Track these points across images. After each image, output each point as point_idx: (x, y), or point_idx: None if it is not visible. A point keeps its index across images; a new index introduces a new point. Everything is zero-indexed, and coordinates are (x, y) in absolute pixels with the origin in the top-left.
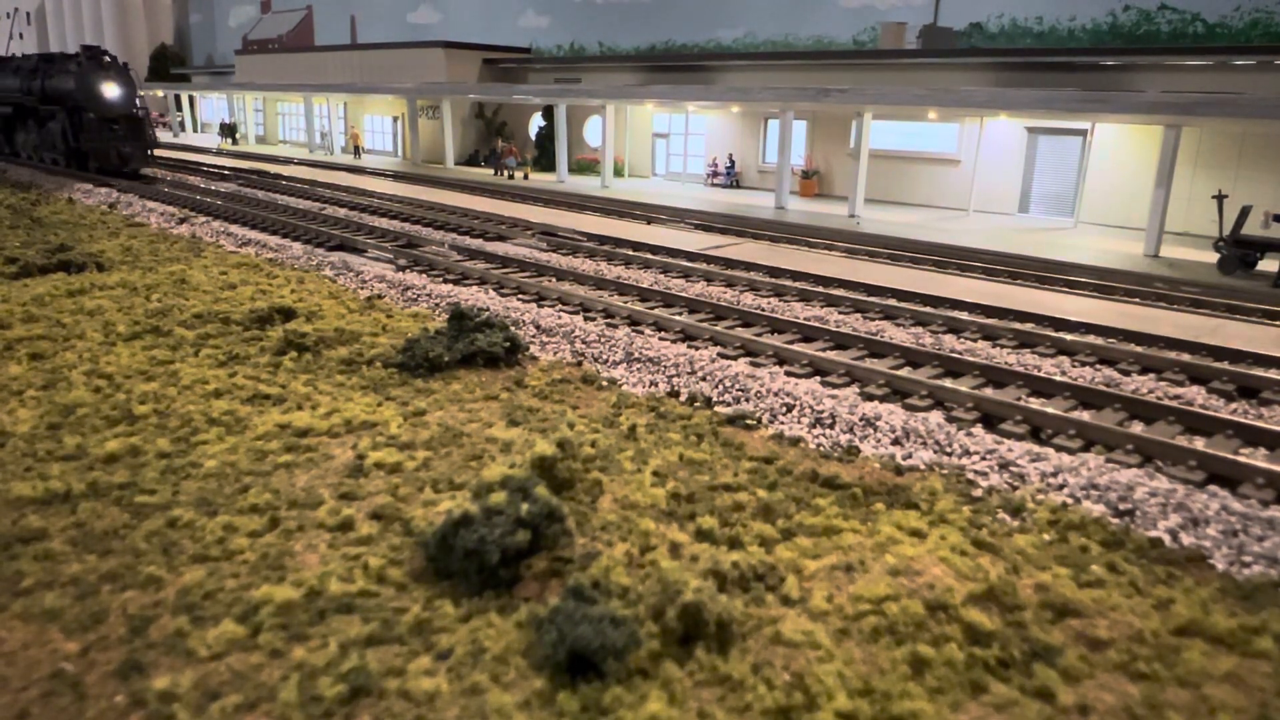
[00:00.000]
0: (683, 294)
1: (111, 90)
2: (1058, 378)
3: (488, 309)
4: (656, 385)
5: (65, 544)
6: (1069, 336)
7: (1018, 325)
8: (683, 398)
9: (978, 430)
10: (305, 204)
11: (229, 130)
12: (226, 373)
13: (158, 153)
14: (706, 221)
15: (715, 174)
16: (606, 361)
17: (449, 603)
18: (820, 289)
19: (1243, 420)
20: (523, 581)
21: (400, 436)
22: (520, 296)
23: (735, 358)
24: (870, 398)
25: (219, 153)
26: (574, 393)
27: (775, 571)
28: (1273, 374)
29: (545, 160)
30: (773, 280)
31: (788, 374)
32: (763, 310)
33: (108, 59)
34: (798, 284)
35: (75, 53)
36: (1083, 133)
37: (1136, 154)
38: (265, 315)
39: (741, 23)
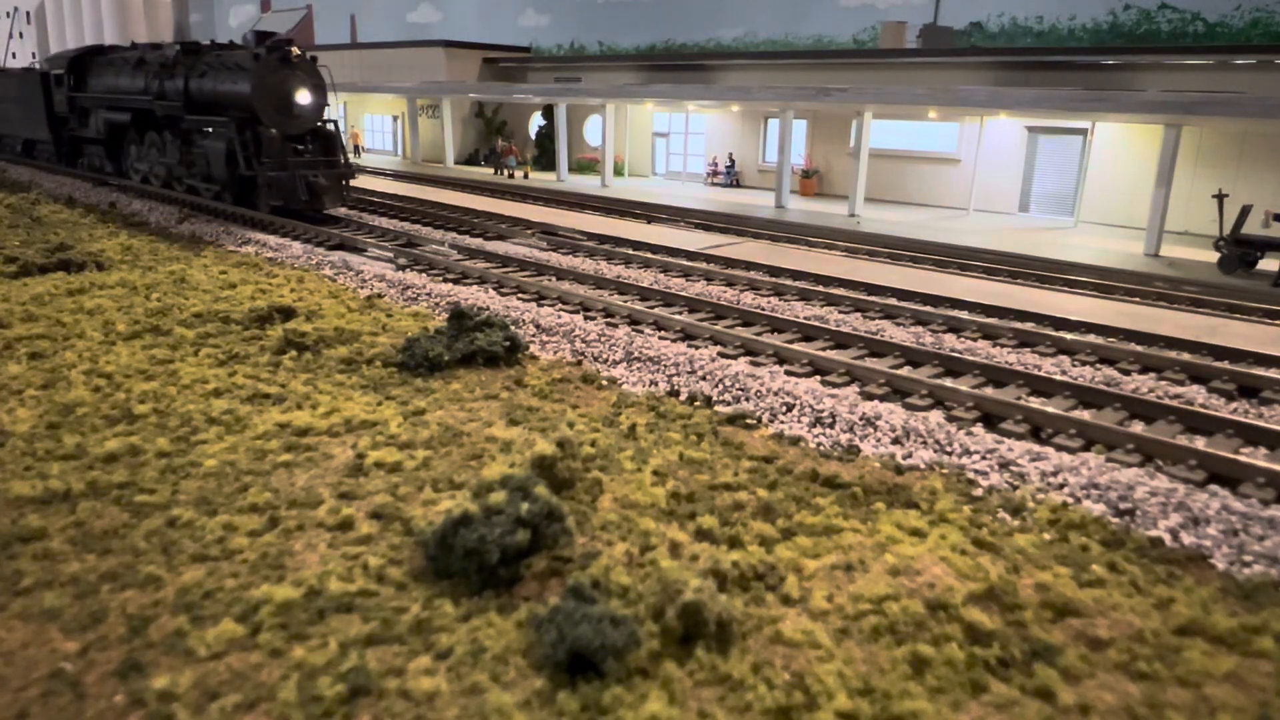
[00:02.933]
0: (683, 293)
1: (304, 96)
2: (1058, 377)
3: (488, 308)
4: (656, 384)
5: (65, 543)
6: (1069, 336)
7: (1018, 324)
8: (683, 397)
9: (978, 430)
10: None
11: None
12: (226, 372)
13: None
14: (706, 221)
15: (715, 173)
16: (606, 361)
17: (449, 602)
18: (820, 288)
19: (1243, 419)
20: (522, 581)
21: (400, 436)
22: (520, 296)
23: (735, 357)
24: (870, 397)
25: None
26: (574, 392)
27: (775, 571)
28: (1273, 373)
29: (545, 159)
30: (773, 279)
31: (788, 373)
32: (763, 309)
33: (295, 52)
34: (798, 283)
35: (240, 43)
36: (1083, 132)
37: (1137, 153)
38: (265, 314)
39: (741, 22)
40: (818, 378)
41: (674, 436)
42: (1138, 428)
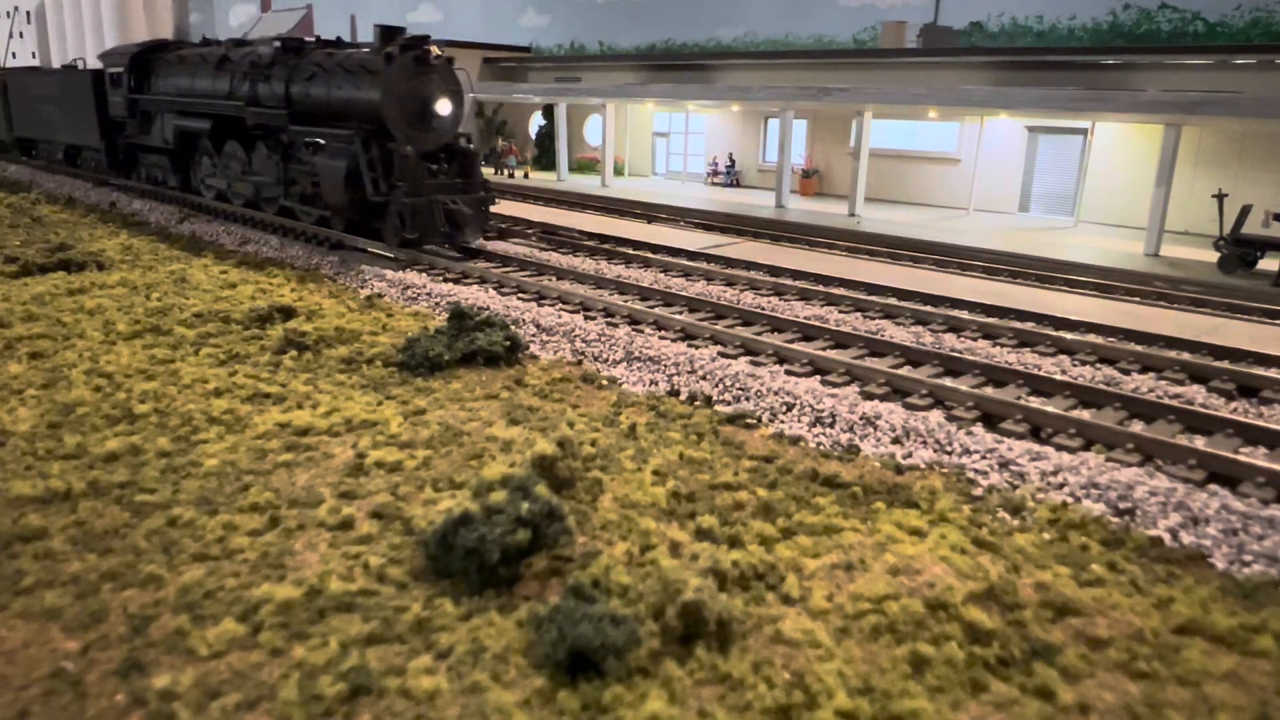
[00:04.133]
0: (683, 293)
1: (444, 106)
2: (1058, 377)
3: (488, 308)
4: (656, 384)
5: (65, 543)
6: (1069, 335)
7: (1018, 324)
8: (683, 397)
9: (978, 429)
10: None
11: None
12: (227, 371)
13: None
14: (707, 220)
15: (715, 173)
16: (606, 360)
17: (449, 601)
18: (820, 288)
19: (1243, 419)
20: (523, 580)
21: (400, 435)
22: (520, 295)
23: (735, 356)
24: (870, 397)
25: None
26: (574, 392)
27: (775, 570)
28: (1273, 373)
29: (545, 159)
30: (773, 279)
31: (788, 373)
32: (763, 309)
33: (436, 53)
34: (798, 283)
35: (360, 41)
36: (1083, 132)
37: (1137, 153)
38: (265, 314)
39: (741, 22)
40: (818, 377)
41: (674, 436)
42: (1137, 427)
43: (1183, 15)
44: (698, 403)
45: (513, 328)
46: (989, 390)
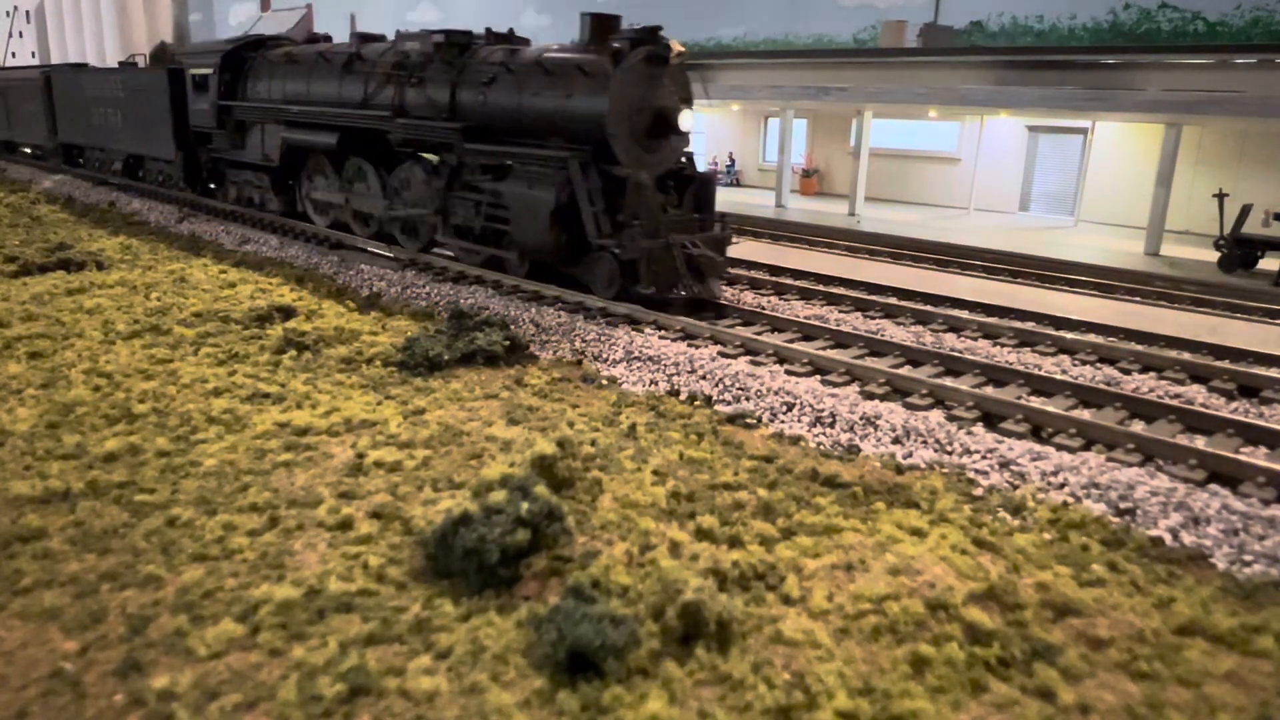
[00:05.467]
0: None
1: (686, 120)
2: (1058, 376)
3: (487, 308)
4: (656, 384)
5: (64, 543)
6: (1069, 335)
7: (1018, 324)
8: (683, 396)
9: (978, 429)
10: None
11: None
12: (226, 371)
13: None
14: None
15: (716, 172)
16: (606, 360)
17: (449, 602)
18: (820, 287)
19: (1243, 419)
20: (522, 580)
21: (400, 435)
22: (520, 295)
23: (735, 356)
24: (870, 396)
25: None
26: (574, 392)
27: (775, 570)
28: (1273, 373)
29: None
30: (773, 279)
31: (788, 373)
32: (763, 309)
33: (678, 49)
34: (798, 282)
35: (550, 43)
36: (1083, 131)
37: (1137, 153)
38: (265, 314)
39: (741, 21)
40: (818, 377)
41: (674, 436)
42: (1138, 427)
43: (1183, 15)
44: (697, 402)
45: (512, 327)
46: (989, 390)
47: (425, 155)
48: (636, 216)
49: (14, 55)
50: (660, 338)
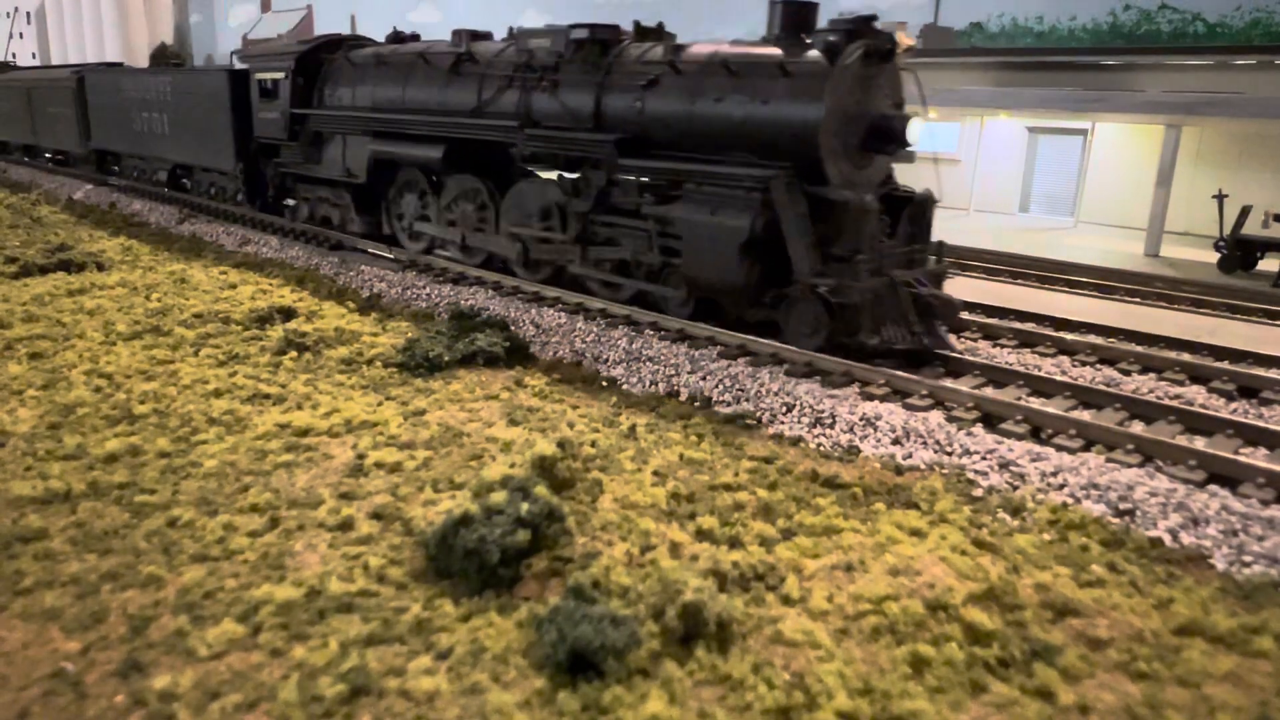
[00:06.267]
0: None
1: (914, 129)
2: (1058, 377)
3: (488, 309)
4: (656, 385)
5: (65, 543)
6: (1069, 336)
7: (1018, 325)
8: (683, 397)
9: (978, 430)
10: None
11: None
12: (226, 372)
13: None
14: None
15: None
16: (606, 361)
17: (449, 602)
18: None
19: (1243, 420)
20: (523, 581)
21: (400, 436)
22: (520, 296)
23: (735, 357)
24: (870, 397)
25: None
26: (574, 392)
27: (775, 571)
28: (1273, 374)
29: None
30: None
31: (787, 373)
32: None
33: (906, 43)
34: None
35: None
36: (1083, 132)
37: (1137, 154)
38: (265, 315)
39: (742, 21)
40: (818, 378)
41: (674, 437)
42: (1138, 428)
43: (1183, 16)
44: (697, 403)
45: (512, 328)
46: (989, 391)
47: (543, 173)
48: (858, 249)
49: (14, 56)
50: (660, 338)
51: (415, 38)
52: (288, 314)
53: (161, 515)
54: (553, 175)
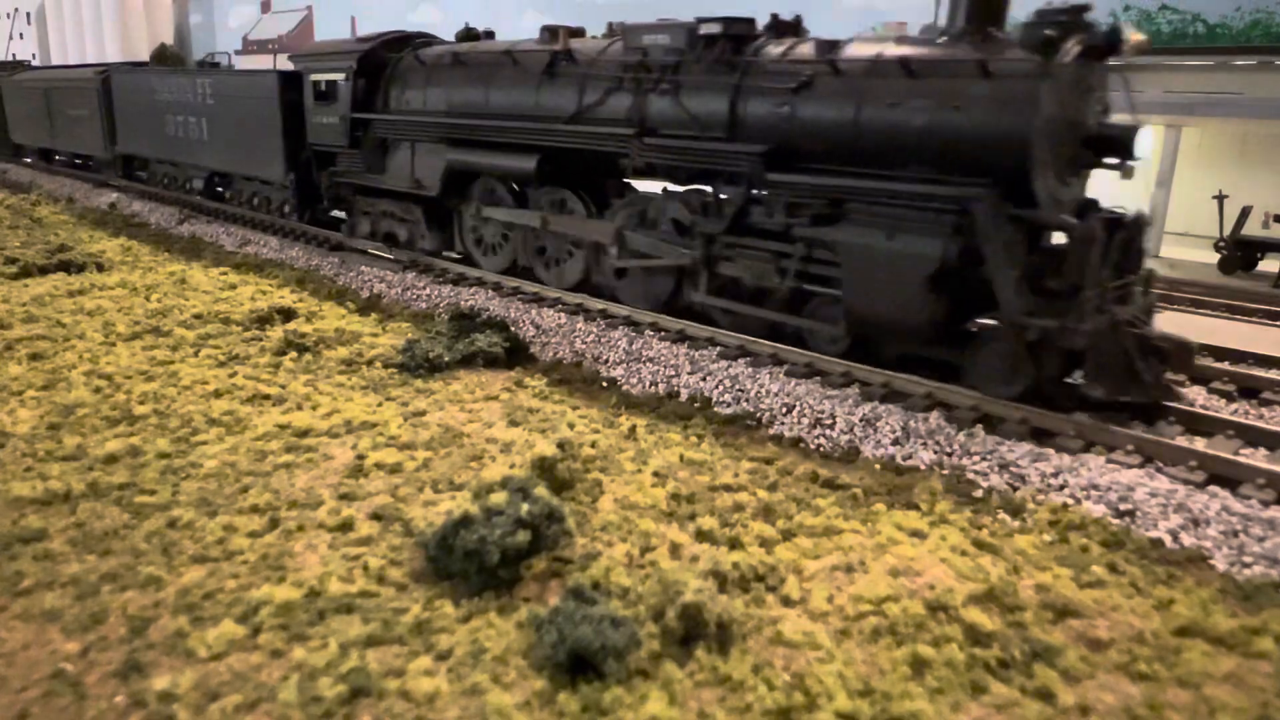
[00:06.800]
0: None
1: (1144, 139)
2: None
3: (488, 309)
4: (657, 386)
5: (65, 544)
6: None
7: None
8: (683, 398)
9: (978, 430)
10: None
11: None
12: (226, 373)
13: None
14: None
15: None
16: (606, 362)
17: (449, 603)
18: None
19: (1243, 420)
20: (523, 582)
21: (400, 437)
22: (520, 297)
23: (735, 358)
24: (870, 398)
25: None
26: (574, 393)
27: (775, 572)
28: (1273, 374)
29: None
30: None
31: (788, 374)
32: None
33: (1138, 39)
34: None
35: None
36: None
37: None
38: (265, 315)
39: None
40: (818, 379)
41: (674, 437)
42: (1138, 429)
43: (1182, 17)
44: (697, 404)
45: (512, 329)
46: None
47: (646, 188)
48: (1081, 284)
49: (14, 57)
50: (660, 339)
51: (490, 35)
52: (288, 314)
53: (161, 516)
54: (652, 188)
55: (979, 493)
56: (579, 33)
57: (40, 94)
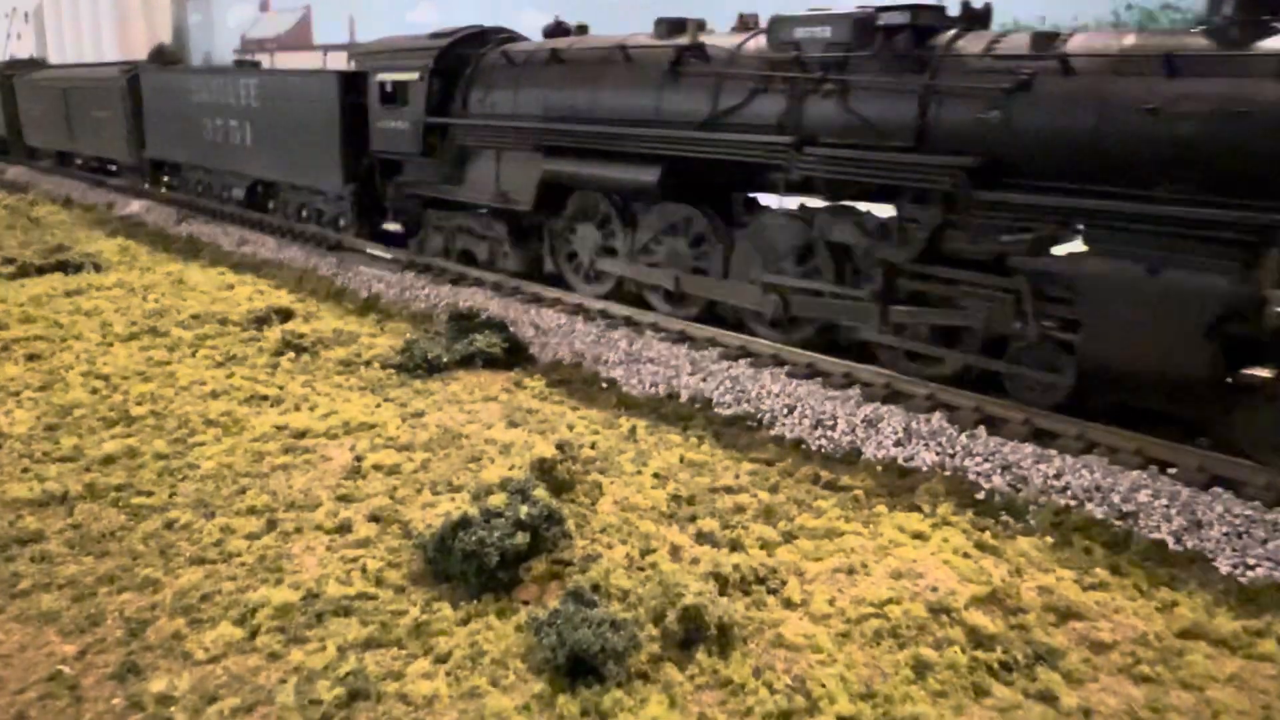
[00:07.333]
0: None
1: None
2: None
3: (487, 310)
4: (657, 386)
5: (62, 545)
6: None
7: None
8: (683, 399)
9: (980, 432)
10: None
11: None
12: (224, 373)
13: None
14: None
15: None
16: (606, 362)
17: (447, 605)
18: None
19: None
20: (522, 584)
21: (399, 438)
22: (519, 297)
23: (736, 359)
24: (872, 399)
25: None
26: (573, 394)
27: (777, 574)
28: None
29: None
30: None
31: (789, 375)
32: None
33: None
34: None
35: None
36: None
37: None
38: (263, 316)
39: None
40: (819, 379)
41: (674, 439)
42: (1141, 430)
43: (1184, 15)
44: (698, 405)
45: (511, 329)
46: (991, 392)
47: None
48: None
49: (13, 56)
50: (660, 339)
51: (583, 30)
52: (285, 315)
53: (159, 517)
54: (790, 204)
55: (981, 494)
56: (698, 24)
57: (58, 94)
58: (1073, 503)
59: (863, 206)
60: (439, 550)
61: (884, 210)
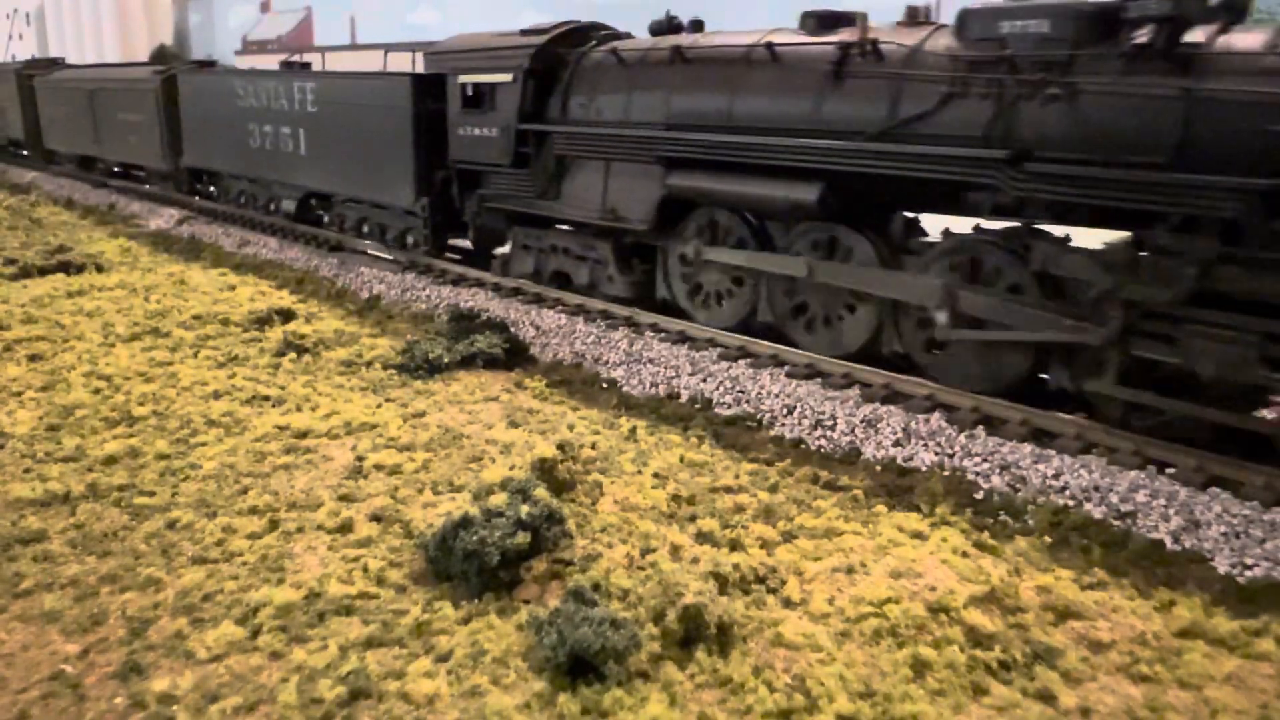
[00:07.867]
0: None
1: None
2: None
3: (488, 310)
4: (657, 387)
5: (64, 545)
6: None
7: None
8: (684, 399)
9: (979, 432)
10: None
11: None
12: (226, 374)
13: None
14: None
15: None
16: (607, 363)
17: (449, 605)
18: None
19: None
20: (523, 583)
21: (400, 438)
22: (520, 298)
23: (735, 359)
24: (871, 399)
25: None
26: (574, 394)
27: (776, 574)
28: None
29: None
30: None
31: (788, 375)
32: None
33: None
34: None
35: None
36: None
37: None
38: (264, 316)
39: (743, 21)
40: (819, 380)
41: (674, 439)
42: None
43: None
44: (698, 405)
45: (512, 330)
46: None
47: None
48: None
49: (14, 58)
50: (661, 340)
51: (699, 26)
52: (287, 315)
53: (160, 517)
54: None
55: (980, 494)
56: (846, 19)
57: (83, 96)
58: (1071, 503)
59: (1058, 230)
60: (440, 550)
61: (1091, 236)
